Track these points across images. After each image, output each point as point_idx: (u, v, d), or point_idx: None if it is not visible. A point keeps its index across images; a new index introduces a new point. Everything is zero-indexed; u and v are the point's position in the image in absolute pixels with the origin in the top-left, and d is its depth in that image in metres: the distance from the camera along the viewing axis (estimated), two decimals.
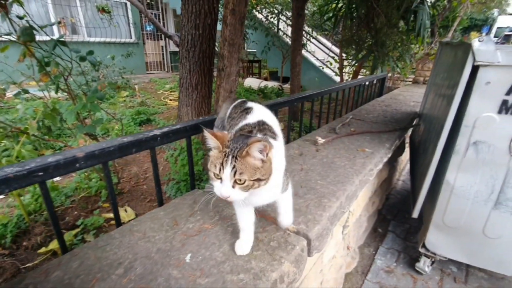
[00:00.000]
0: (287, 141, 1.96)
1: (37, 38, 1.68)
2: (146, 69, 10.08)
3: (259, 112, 0.88)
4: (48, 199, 0.88)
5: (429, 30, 3.63)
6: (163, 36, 10.42)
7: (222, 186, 0.65)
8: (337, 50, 7.50)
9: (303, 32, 5.94)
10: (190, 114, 3.08)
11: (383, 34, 3.47)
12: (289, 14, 7.99)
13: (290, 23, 7.59)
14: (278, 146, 0.77)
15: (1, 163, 1.61)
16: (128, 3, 8.79)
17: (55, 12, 7.54)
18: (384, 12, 3.38)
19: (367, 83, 3.36)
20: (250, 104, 0.95)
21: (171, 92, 7.14)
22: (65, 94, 1.97)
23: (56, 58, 1.62)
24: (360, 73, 5.05)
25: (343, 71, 5.53)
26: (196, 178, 2.33)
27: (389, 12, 3.35)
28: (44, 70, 1.53)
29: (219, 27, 3.05)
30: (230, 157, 0.63)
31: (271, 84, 7.72)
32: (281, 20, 8.38)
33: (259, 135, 0.75)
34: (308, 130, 2.19)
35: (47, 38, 1.97)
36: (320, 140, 1.67)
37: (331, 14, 4.43)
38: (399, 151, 2.31)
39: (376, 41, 3.61)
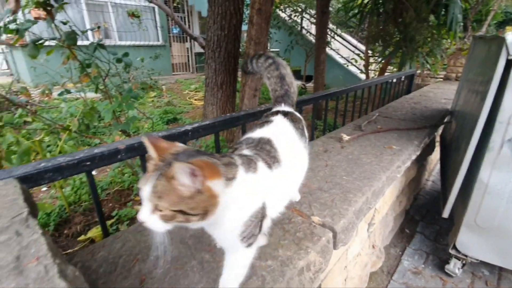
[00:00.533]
0: (311, 138, 1.97)
1: (78, 42, 1.83)
2: (172, 71, 10.43)
3: (275, 129, 0.76)
4: (93, 186, 0.97)
5: (461, 24, 3.45)
6: (188, 38, 10.71)
7: (142, 207, 0.52)
8: (362, 47, 7.32)
9: (327, 30, 5.87)
10: (215, 112, 3.17)
11: (412, 29, 3.35)
12: (313, 12, 7.92)
13: (314, 21, 7.52)
14: (260, 178, 0.61)
15: (46, 158, 1.78)
16: (156, 8, 9.16)
17: (90, 17, 8.03)
18: (413, 6, 3.27)
19: (394, 80, 3.27)
20: (276, 118, 0.81)
21: (196, 92, 7.35)
22: (99, 94, 2.12)
23: (95, 60, 1.75)
24: (387, 70, 4.91)
25: (369, 68, 5.39)
26: None
27: (419, 6, 3.23)
28: (85, 71, 1.67)
29: (243, 27, 3.12)
30: (157, 174, 0.50)
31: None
32: (304, 19, 8.32)
33: (237, 157, 0.60)
34: (332, 129, 2.18)
35: (86, 42, 2.14)
36: (345, 137, 1.66)
37: (356, 11, 4.35)
38: (428, 149, 2.24)
39: (404, 37, 3.50)
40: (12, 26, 1.31)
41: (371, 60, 5.32)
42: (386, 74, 4.66)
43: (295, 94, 0.95)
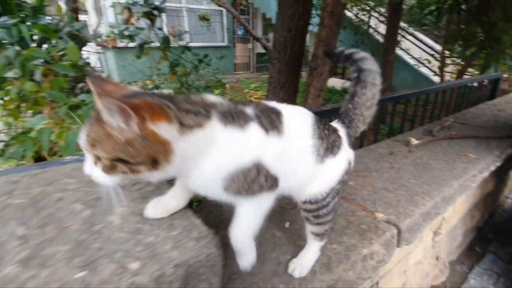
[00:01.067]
0: (375, 140, 1.95)
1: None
2: (234, 70, 10.96)
3: (293, 111, 0.68)
4: None
5: None
6: (251, 39, 11.12)
7: (85, 160, 0.48)
8: (437, 47, 6.66)
9: (398, 28, 5.51)
10: None
11: (499, 29, 2.98)
12: (383, 10, 7.49)
13: (383, 19, 7.10)
14: (248, 137, 0.54)
15: None
16: (224, 11, 9.74)
17: (168, 22, 8.96)
18: (500, 5, 2.90)
19: (475, 84, 2.96)
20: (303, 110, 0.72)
21: (255, 91, 7.64)
22: (173, 90, 2.43)
23: (181, 60, 2.03)
24: (466, 73, 4.41)
25: (444, 70, 4.91)
26: None
27: (507, 5, 2.86)
28: (173, 70, 1.95)
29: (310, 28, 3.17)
30: (92, 118, 0.45)
31: None
32: (372, 17, 7.92)
33: (217, 110, 0.53)
34: (398, 133, 2.11)
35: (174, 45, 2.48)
36: (414, 141, 1.62)
37: (433, 8, 4.01)
38: (511, 162, 2.00)
39: (489, 37, 3.13)
40: (125, 32, 1.64)
41: (448, 61, 4.83)
42: (464, 77, 4.20)
43: (362, 118, 0.82)
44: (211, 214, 0.97)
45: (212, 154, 0.51)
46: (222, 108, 0.54)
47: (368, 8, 7.66)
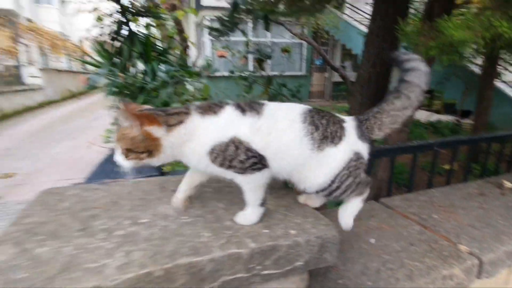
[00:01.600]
0: (465, 179, 1.93)
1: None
2: (309, 97, 11.32)
3: (278, 106, 0.78)
4: None
5: None
6: (327, 68, 11.40)
7: (115, 152, 0.71)
8: None
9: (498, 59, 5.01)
10: None
11: None
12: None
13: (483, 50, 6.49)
14: (222, 118, 0.71)
15: None
16: (304, 43, 10.35)
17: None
18: None
19: None
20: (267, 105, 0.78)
21: None
22: None
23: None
24: None
25: None
26: None
27: None
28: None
29: None
30: (117, 124, 0.69)
31: (445, 118, 6.83)
32: None
33: (196, 106, 0.73)
34: (492, 174, 2.02)
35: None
36: (508, 185, 1.59)
37: None
38: None
39: None
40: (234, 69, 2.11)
41: None
42: None
43: (379, 123, 0.83)
44: None
45: (196, 137, 0.70)
46: (201, 105, 0.74)
47: None
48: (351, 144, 0.78)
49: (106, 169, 4.29)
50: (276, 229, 0.70)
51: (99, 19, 5.03)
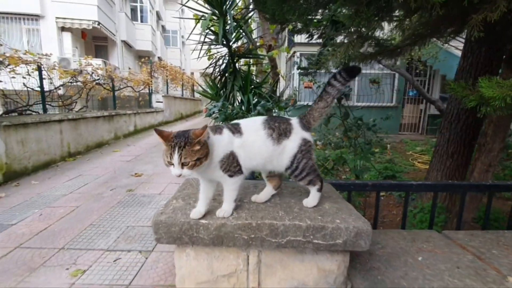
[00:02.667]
0: None
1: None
2: (398, 130, 10.62)
3: (249, 122, 1.12)
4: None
5: None
6: (423, 100, 10.55)
7: (174, 169, 0.92)
8: None
9: None
10: (439, 179, 3.29)
11: None
12: None
13: None
14: (224, 137, 1.02)
15: None
16: (396, 74, 9.99)
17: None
18: None
19: None
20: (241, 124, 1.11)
21: (421, 154, 7.17)
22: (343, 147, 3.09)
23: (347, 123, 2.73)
24: None
25: None
26: None
27: None
28: (346, 134, 2.66)
29: None
30: (176, 148, 0.90)
31: None
32: None
33: (213, 127, 1.07)
34: None
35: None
36: None
37: None
38: None
39: None
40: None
41: None
42: None
43: (313, 117, 1.17)
44: None
45: (215, 149, 0.99)
46: (211, 127, 1.08)
47: None
48: (299, 134, 1.11)
49: None
50: (326, 218, 1.06)
51: (210, 58, 6.36)
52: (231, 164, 1.02)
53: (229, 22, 5.23)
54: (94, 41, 15.94)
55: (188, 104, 18.25)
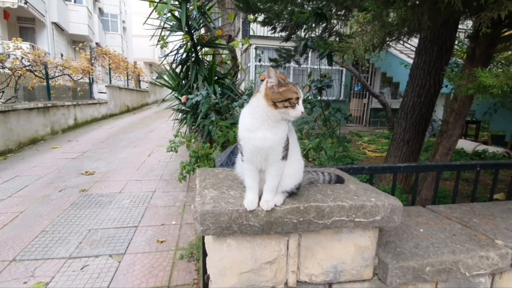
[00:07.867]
0: (508, 198, 2.13)
1: None
2: (346, 122, 11.52)
3: None
4: None
5: None
6: (367, 94, 11.61)
7: (299, 107, 0.89)
8: None
9: None
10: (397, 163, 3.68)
11: None
12: None
13: None
14: None
15: None
16: (344, 69, 10.78)
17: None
18: None
19: None
20: None
21: (368, 144, 7.91)
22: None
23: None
24: None
25: None
26: None
27: None
28: (325, 123, 2.78)
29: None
30: (299, 87, 0.91)
31: (493, 149, 6.69)
32: None
33: None
34: None
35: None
36: None
37: None
38: None
39: None
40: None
41: None
42: None
43: None
44: None
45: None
46: None
47: None
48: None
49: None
50: (362, 198, 1.10)
51: (164, 46, 5.97)
52: (287, 145, 0.97)
53: (191, 8, 4.95)
54: (19, 22, 13.60)
55: (135, 95, 16.87)
